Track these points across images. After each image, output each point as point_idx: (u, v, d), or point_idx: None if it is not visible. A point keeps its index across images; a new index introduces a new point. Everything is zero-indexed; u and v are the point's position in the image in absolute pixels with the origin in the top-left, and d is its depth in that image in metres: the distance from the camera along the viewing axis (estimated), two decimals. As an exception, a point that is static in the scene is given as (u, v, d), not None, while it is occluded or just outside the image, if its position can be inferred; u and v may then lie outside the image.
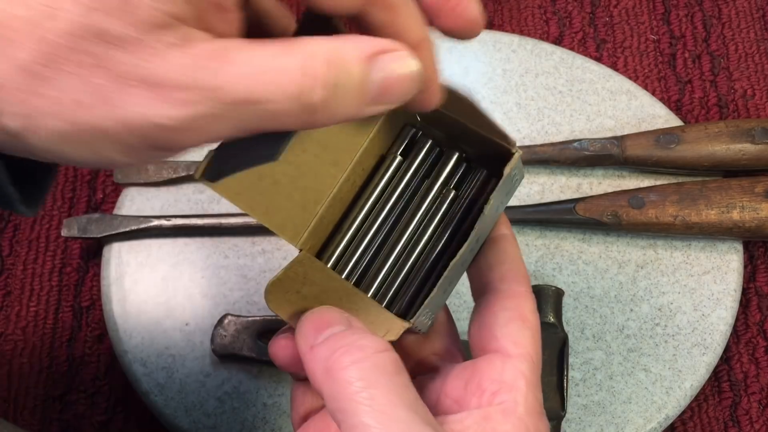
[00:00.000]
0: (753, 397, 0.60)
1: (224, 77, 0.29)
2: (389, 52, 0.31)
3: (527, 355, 0.37)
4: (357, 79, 0.30)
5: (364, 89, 0.31)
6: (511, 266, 0.40)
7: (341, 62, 0.30)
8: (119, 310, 0.60)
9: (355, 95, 0.30)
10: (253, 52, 0.29)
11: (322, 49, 0.30)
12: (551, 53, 0.68)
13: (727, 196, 0.59)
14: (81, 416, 0.60)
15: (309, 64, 0.29)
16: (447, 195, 0.40)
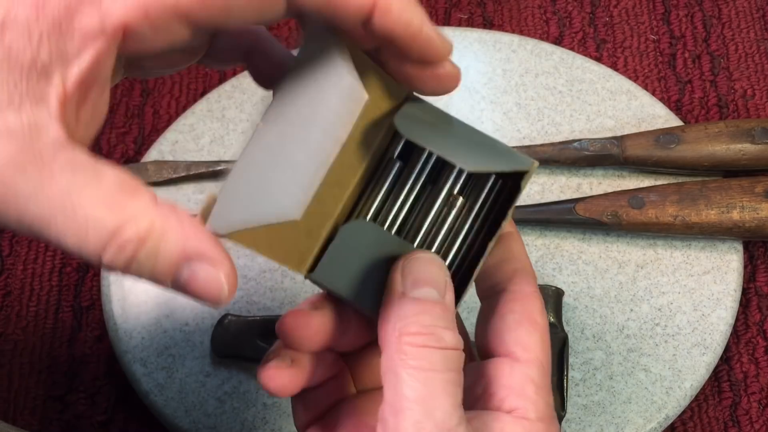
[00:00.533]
0: (753, 397, 0.60)
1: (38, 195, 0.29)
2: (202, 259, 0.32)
3: (536, 360, 0.37)
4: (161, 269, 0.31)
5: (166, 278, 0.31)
6: (517, 266, 0.39)
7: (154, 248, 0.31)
8: (119, 310, 0.60)
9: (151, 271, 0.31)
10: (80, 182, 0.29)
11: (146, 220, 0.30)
12: (551, 53, 0.68)
13: (727, 196, 0.59)
14: (81, 416, 0.60)
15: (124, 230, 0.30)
16: (454, 203, 0.39)
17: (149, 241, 0.30)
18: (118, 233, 0.29)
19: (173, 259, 0.31)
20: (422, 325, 0.34)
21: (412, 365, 0.33)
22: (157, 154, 0.65)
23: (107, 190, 0.30)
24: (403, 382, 0.33)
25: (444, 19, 0.72)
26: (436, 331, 0.34)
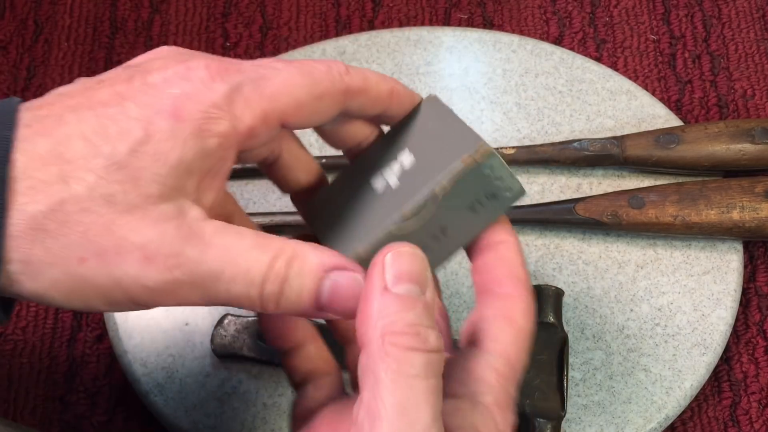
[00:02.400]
0: (753, 397, 0.60)
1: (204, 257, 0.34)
2: (341, 268, 0.36)
3: (503, 352, 0.37)
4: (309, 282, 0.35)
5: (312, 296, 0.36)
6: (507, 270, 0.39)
7: (298, 273, 0.35)
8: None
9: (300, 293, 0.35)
10: (231, 240, 0.35)
11: (289, 251, 0.35)
12: (551, 53, 0.68)
13: (727, 196, 0.59)
14: (81, 416, 0.60)
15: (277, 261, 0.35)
16: None
17: (296, 263, 0.35)
18: (272, 264, 0.35)
19: (316, 273, 0.35)
20: (407, 324, 0.33)
21: (394, 369, 0.32)
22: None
23: (251, 240, 0.35)
24: (383, 386, 0.32)
25: (444, 19, 0.72)
26: (420, 331, 0.33)
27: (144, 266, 0.33)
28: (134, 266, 0.33)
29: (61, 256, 0.32)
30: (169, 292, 0.34)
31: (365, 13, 0.73)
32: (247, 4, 0.74)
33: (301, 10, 0.74)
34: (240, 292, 0.35)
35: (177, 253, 0.33)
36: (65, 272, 0.33)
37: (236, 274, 0.34)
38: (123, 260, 0.33)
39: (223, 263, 0.34)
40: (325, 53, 0.69)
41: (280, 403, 0.57)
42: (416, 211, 0.38)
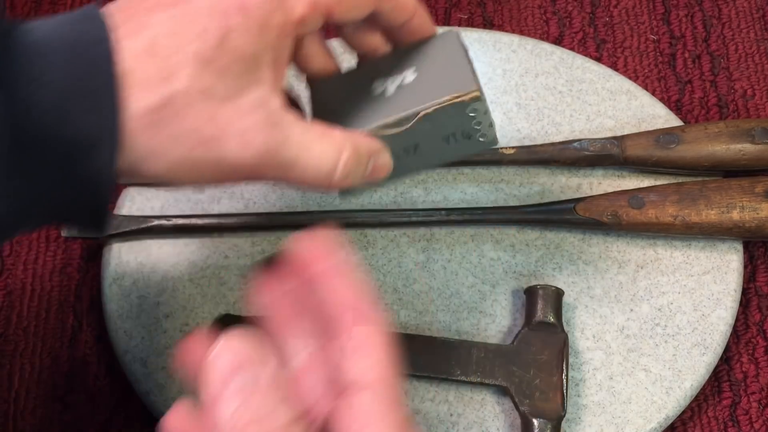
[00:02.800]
0: (753, 397, 0.60)
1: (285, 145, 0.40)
2: (379, 151, 0.44)
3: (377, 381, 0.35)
4: (363, 167, 0.43)
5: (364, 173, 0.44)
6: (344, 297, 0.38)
7: (360, 157, 0.43)
8: (119, 310, 0.60)
9: (359, 176, 0.43)
10: (304, 131, 0.41)
11: (350, 143, 0.42)
12: (551, 53, 0.68)
13: (727, 196, 0.59)
14: (82, 417, 0.60)
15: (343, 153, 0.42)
16: None
17: (356, 152, 0.42)
18: (340, 154, 0.42)
19: (367, 158, 0.43)
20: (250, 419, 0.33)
21: None
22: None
23: (319, 131, 0.42)
24: None
25: (444, 19, 0.72)
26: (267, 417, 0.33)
27: (242, 150, 0.39)
28: (234, 150, 0.39)
29: (175, 143, 0.38)
30: (257, 171, 0.40)
31: (365, 13, 0.73)
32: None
33: (301, 10, 0.74)
34: (310, 179, 0.42)
35: (267, 140, 0.39)
36: (180, 156, 0.38)
37: (309, 164, 0.41)
38: (226, 145, 0.38)
39: (298, 152, 0.40)
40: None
41: (280, 403, 0.57)
42: (398, 123, 0.45)
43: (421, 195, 0.64)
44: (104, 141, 0.36)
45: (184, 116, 0.37)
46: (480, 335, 0.59)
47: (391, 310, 0.60)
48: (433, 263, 0.61)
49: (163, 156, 0.38)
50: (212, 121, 0.38)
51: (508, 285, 0.61)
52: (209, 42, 0.38)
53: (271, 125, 0.39)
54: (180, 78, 0.37)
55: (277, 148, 0.40)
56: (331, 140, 0.42)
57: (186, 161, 0.38)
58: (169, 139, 0.37)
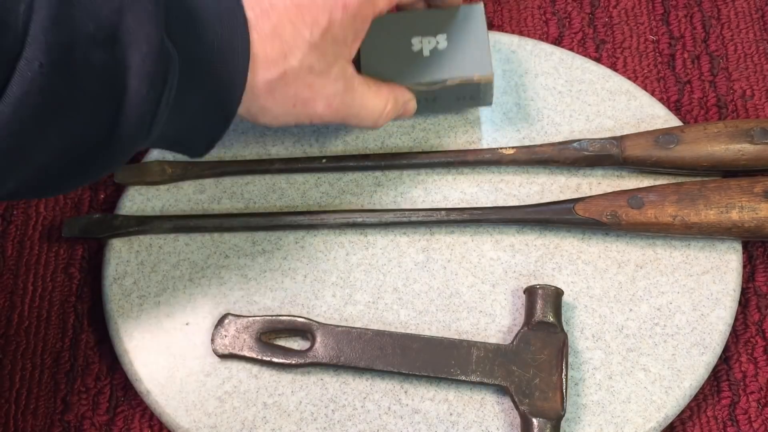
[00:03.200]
0: (752, 396, 0.60)
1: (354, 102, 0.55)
2: (411, 100, 0.60)
3: None
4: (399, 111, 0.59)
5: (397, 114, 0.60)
6: None
7: (398, 105, 0.59)
8: (120, 309, 0.60)
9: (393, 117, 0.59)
10: (365, 90, 0.56)
11: (392, 96, 0.58)
12: (551, 54, 0.68)
13: (726, 197, 0.59)
14: (83, 416, 0.60)
15: (388, 104, 0.58)
16: None
17: (396, 103, 0.58)
18: (386, 106, 0.58)
19: (402, 105, 0.59)
20: None
21: None
22: (158, 154, 0.65)
23: (374, 89, 0.57)
24: None
25: (444, 20, 0.72)
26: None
27: (326, 108, 0.53)
28: (321, 108, 0.53)
29: (282, 103, 0.52)
30: (331, 119, 0.55)
31: (365, 13, 0.73)
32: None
33: (302, 10, 0.74)
34: (363, 124, 0.57)
35: (342, 101, 0.54)
36: (283, 111, 0.52)
37: (365, 114, 0.56)
38: (316, 104, 0.53)
39: (361, 107, 0.56)
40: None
41: (280, 402, 0.58)
42: (429, 84, 0.61)
43: (421, 195, 0.64)
44: (236, 87, 0.49)
45: (291, 85, 0.51)
46: (480, 335, 0.59)
47: (391, 310, 0.60)
48: (433, 263, 0.61)
49: (272, 110, 0.52)
50: (309, 88, 0.52)
51: (508, 285, 0.61)
52: (318, 31, 0.50)
53: (347, 90, 0.54)
54: (294, 57, 0.50)
55: (349, 105, 0.54)
56: (381, 95, 0.57)
57: (287, 114, 0.53)
58: (278, 99, 0.51)
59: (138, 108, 0.44)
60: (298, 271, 0.61)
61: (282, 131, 0.66)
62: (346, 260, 0.62)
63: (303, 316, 0.59)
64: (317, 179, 0.65)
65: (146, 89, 0.44)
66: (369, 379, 0.58)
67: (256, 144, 0.66)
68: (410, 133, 0.66)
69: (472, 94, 0.62)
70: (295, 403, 0.58)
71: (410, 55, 0.61)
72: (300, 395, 0.58)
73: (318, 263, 0.62)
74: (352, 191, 0.64)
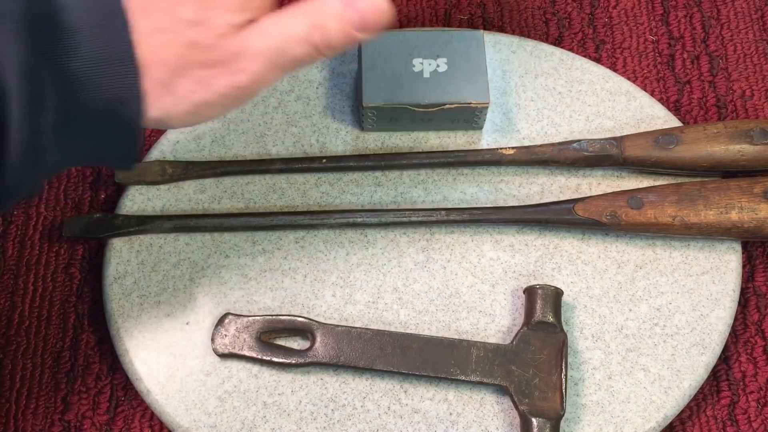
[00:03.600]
0: (751, 396, 0.60)
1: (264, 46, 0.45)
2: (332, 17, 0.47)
3: None
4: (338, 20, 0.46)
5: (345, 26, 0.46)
6: None
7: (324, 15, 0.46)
8: (120, 309, 0.60)
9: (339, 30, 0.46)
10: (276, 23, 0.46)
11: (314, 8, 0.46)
12: (551, 54, 0.68)
13: (725, 197, 0.59)
14: (83, 416, 0.60)
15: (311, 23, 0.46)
16: None
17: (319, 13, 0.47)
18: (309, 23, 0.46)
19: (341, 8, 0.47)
20: None
21: None
22: (159, 154, 0.65)
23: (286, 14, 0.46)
24: None
25: (444, 20, 0.72)
26: None
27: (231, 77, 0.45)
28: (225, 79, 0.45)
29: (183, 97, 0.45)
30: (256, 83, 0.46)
31: (365, 13, 0.73)
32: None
33: (302, 10, 0.74)
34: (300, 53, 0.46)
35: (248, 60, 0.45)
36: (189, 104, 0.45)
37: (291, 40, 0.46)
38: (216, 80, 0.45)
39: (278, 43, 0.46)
40: (325, 54, 0.69)
41: (280, 402, 0.58)
42: (427, 106, 0.62)
43: (421, 195, 0.64)
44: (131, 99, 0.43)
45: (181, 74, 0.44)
46: (479, 335, 0.59)
47: (391, 309, 0.60)
48: (432, 263, 0.62)
49: (177, 110, 0.45)
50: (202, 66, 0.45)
51: (508, 285, 0.61)
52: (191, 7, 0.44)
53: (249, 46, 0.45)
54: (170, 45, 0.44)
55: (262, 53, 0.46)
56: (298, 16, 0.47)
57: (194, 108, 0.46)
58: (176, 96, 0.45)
59: (18, 134, 0.40)
60: (298, 270, 0.61)
61: (282, 131, 0.66)
62: (346, 260, 0.62)
63: (303, 316, 0.59)
64: (317, 179, 0.65)
65: (22, 114, 0.40)
66: (369, 378, 0.58)
67: (257, 144, 0.66)
68: (410, 133, 0.66)
69: (466, 118, 0.64)
70: (295, 403, 0.58)
71: (411, 76, 0.63)
72: (300, 395, 0.58)
73: (318, 263, 0.62)
74: (352, 191, 0.64)
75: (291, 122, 0.66)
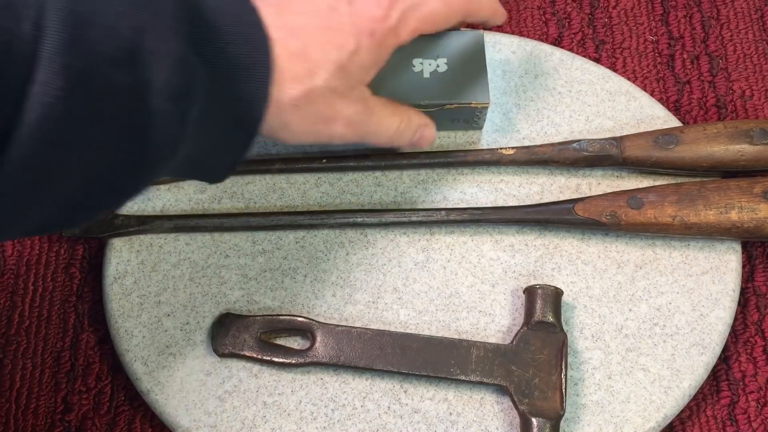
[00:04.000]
0: (751, 396, 0.60)
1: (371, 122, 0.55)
2: (427, 125, 0.59)
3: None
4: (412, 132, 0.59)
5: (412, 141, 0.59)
6: None
7: (412, 124, 0.58)
8: (120, 309, 0.60)
9: (407, 139, 0.59)
10: (382, 110, 0.56)
11: (406, 115, 0.58)
12: (551, 54, 0.68)
13: (725, 197, 0.59)
14: (84, 416, 0.60)
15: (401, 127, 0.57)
16: None
17: (409, 121, 0.58)
18: (400, 124, 0.57)
19: (418, 127, 0.59)
20: None
21: None
22: (158, 154, 0.65)
23: (390, 109, 0.57)
24: None
25: (444, 20, 0.72)
26: None
27: (345, 128, 0.53)
28: (340, 127, 0.53)
29: (304, 120, 0.51)
30: (351, 139, 0.54)
31: (365, 13, 0.73)
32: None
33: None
34: (380, 140, 0.57)
35: (360, 121, 0.54)
36: (305, 130, 0.52)
37: (381, 132, 0.56)
38: (336, 124, 0.52)
39: (378, 126, 0.56)
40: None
41: (280, 402, 0.58)
42: (427, 106, 0.62)
43: (421, 195, 0.64)
44: (259, 100, 0.48)
45: (315, 103, 0.50)
46: (479, 335, 0.59)
47: (391, 309, 0.60)
48: (432, 263, 0.62)
49: (294, 126, 0.51)
50: (331, 108, 0.51)
51: (508, 285, 0.61)
52: (345, 54, 0.50)
53: (365, 112, 0.54)
54: (319, 77, 0.50)
55: (366, 124, 0.55)
56: (396, 114, 0.57)
57: (307, 132, 0.52)
58: (301, 116, 0.50)
59: (162, 127, 0.43)
60: (298, 270, 0.61)
61: (282, 131, 0.66)
62: (346, 260, 0.62)
63: (303, 316, 0.59)
64: (317, 179, 0.65)
65: (171, 106, 0.42)
66: (369, 378, 0.58)
67: (257, 144, 0.66)
68: (410, 133, 0.66)
69: (466, 118, 0.64)
70: (295, 403, 0.58)
71: (411, 76, 0.62)
72: (300, 394, 0.58)
73: (318, 263, 0.62)
74: (352, 191, 0.64)
75: (291, 122, 0.66)
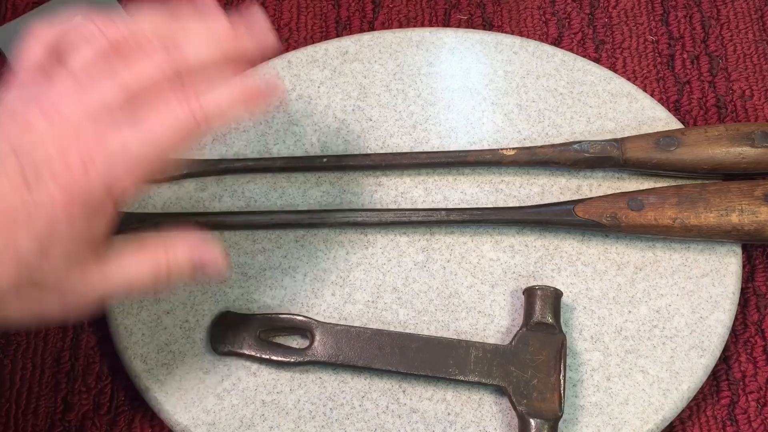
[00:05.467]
0: (751, 396, 0.60)
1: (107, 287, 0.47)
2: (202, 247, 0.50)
3: None
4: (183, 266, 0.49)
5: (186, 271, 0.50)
6: None
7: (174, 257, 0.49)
8: (120, 306, 0.60)
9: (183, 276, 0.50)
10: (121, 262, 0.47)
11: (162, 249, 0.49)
12: (552, 55, 0.68)
13: (726, 200, 0.59)
14: (84, 416, 0.60)
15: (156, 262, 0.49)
16: None
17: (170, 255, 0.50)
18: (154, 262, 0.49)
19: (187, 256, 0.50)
20: None
21: None
22: (158, 152, 0.65)
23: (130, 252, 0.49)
24: None
25: (444, 20, 0.72)
26: None
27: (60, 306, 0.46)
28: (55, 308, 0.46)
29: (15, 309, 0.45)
30: None
31: (365, 14, 0.73)
32: (247, 5, 0.74)
33: (302, 11, 0.74)
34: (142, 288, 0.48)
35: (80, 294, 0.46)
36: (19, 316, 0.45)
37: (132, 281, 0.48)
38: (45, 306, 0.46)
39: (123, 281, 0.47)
40: (327, 53, 0.69)
41: (279, 400, 0.58)
42: None
43: (421, 195, 0.64)
44: None
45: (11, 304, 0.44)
46: (478, 335, 0.59)
47: (390, 309, 0.60)
48: (432, 263, 0.62)
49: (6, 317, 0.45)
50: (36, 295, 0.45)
51: (507, 285, 0.61)
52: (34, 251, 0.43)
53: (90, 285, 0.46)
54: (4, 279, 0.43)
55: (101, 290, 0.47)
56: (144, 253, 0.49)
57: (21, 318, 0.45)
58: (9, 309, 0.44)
59: None
60: (297, 269, 0.61)
61: (284, 130, 0.66)
62: (345, 259, 0.62)
63: (302, 315, 0.59)
64: (318, 178, 0.65)
65: None
66: (367, 378, 0.58)
67: (258, 143, 0.66)
68: (411, 133, 0.66)
69: None
70: (294, 401, 0.58)
71: None
72: (298, 393, 0.58)
73: (318, 262, 0.62)
74: (353, 191, 0.64)
75: (292, 121, 0.66)
